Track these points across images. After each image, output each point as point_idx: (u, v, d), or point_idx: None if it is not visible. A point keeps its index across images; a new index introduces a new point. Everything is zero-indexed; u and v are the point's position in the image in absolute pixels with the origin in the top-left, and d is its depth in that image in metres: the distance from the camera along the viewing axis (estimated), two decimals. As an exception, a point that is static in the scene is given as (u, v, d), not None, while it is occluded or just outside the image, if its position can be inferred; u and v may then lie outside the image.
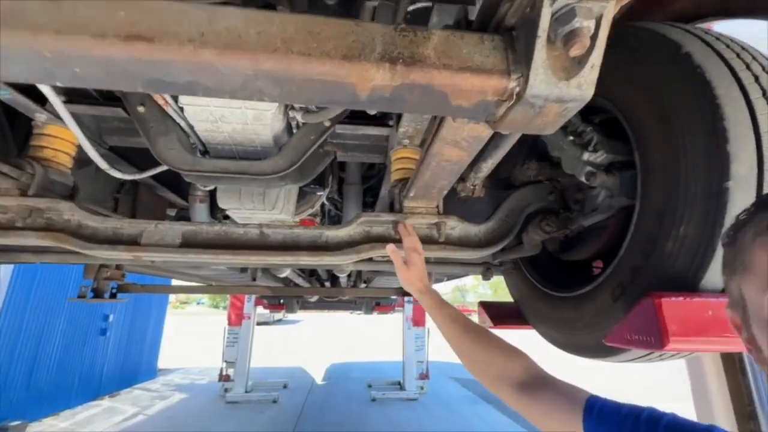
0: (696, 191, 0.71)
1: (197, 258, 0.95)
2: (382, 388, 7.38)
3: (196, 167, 0.99)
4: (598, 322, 0.93)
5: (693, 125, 0.72)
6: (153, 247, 0.93)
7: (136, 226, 0.95)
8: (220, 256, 0.94)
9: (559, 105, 0.35)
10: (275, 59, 0.41)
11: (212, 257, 0.95)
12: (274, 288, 2.95)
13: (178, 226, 0.96)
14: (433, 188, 0.89)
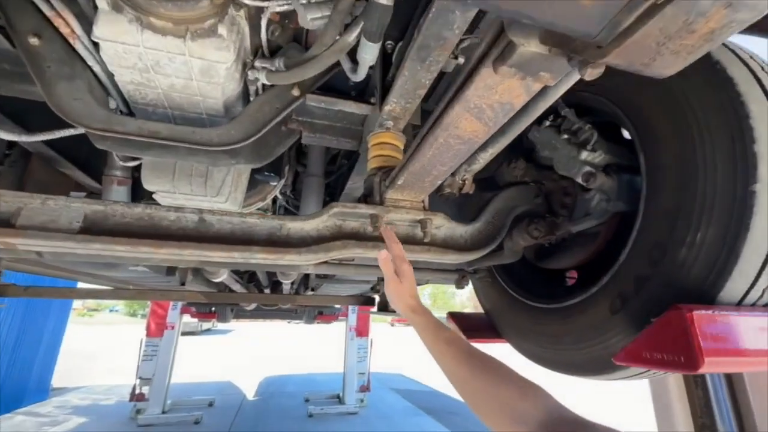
0: (716, 194, 0.65)
1: (106, 250, 0.69)
2: (321, 402, 7.01)
3: (112, 126, 0.74)
4: (591, 337, 0.85)
5: (714, 123, 0.66)
6: (37, 231, 0.66)
7: (11, 199, 0.67)
8: (141, 248, 0.69)
9: (727, 13, 0.23)
10: None
11: (129, 250, 0.69)
12: (207, 294, 2.58)
13: (79, 204, 0.69)
14: (428, 175, 0.74)
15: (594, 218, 0.92)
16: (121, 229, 0.71)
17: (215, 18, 0.72)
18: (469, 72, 0.47)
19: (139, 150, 0.80)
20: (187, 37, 0.71)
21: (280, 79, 0.77)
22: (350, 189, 1.39)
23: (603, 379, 0.86)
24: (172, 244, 0.71)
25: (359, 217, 0.84)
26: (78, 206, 0.69)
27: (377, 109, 0.89)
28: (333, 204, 0.81)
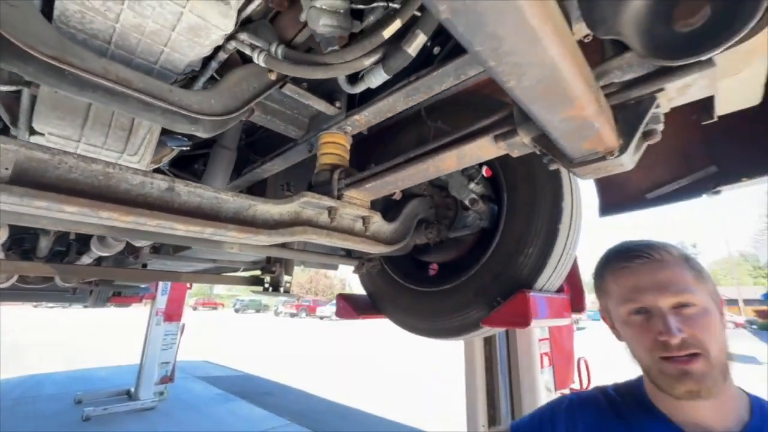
0: (541, 227, 1.11)
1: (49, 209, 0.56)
2: (101, 402, 5.74)
3: (66, 57, 0.58)
4: (459, 311, 1.23)
5: (546, 189, 1.12)
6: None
7: None
8: (102, 212, 0.60)
9: (624, 166, 0.54)
10: None
11: (83, 212, 0.58)
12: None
13: (12, 146, 0.53)
14: (392, 187, 0.93)
15: (468, 230, 1.32)
16: (64, 185, 0.59)
17: (226, -18, 0.69)
18: (470, 134, 0.70)
19: (89, 94, 0.64)
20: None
21: (283, 69, 0.78)
22: (262, 170, 1.39)
23: (463, 339, 1.26)
24: (141, 212, 0.64)
25: (318, 207, 0.94)
26: (11, 148, 0.53)
27: (342, 113, 1.01)
28: (304, 193, 0.88)
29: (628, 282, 0.66)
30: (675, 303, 0.62)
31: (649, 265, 0.65)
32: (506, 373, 1.68)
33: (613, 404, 0.73)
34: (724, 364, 0.62)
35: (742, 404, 0.64)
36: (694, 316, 0.61)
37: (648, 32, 0.48)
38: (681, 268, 0.64)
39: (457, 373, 3.35)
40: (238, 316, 34.43)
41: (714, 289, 0.65)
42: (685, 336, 0.60)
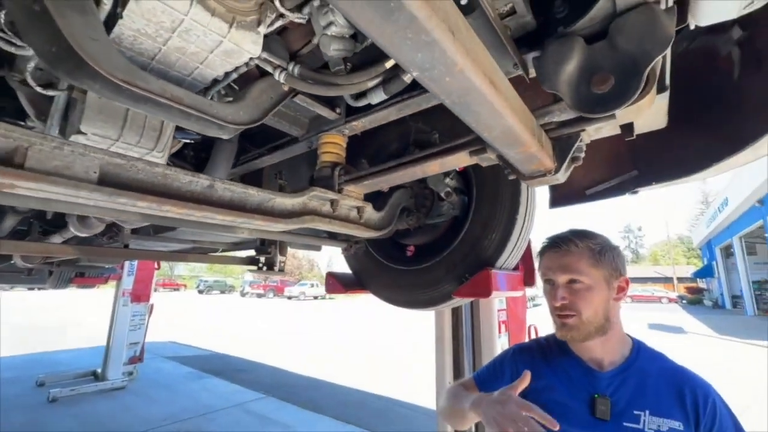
0: (502, 216, 1.36)
1: (127, 204, 0.71)
2: (67, 383, 5.65)
3: (134, 80, 0.72)
4: (433, 286, 1.48)
5: (506, 189, 1.36)
6: (47, 176, 0.62)
7: (12, 135, 0.59)
8: (165, 206, 0.75)
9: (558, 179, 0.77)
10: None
11: (152, 207, 0.74)
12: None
13: (98, 155, 0.67)
14: (384, 184, 1.12)
15: (442, 217, 1.55)
16: (134, 184, 0.73)
17: (257, 15, 0.83)
18: (451, 148, 0.91)
19: (142, 106, 0.77)
20: (234, 25, 0.79)
21: (302, 87, 0.94)
22: (261, 161, 1.53)
23: (435, 309, 1.51)
24: (197, 206, 0.80)
25: (323, 199, 1.12)
26: (98, 156, 0.67)
27: (342, 119, 1.18)
28: (313, 188, 1.06)
29: (545, 263, 0.94)
30: (568, 279, 0.88)
31: (558, 252, 0.91)
32: (470, 338, 1.98)
33: (542, 349, 1.01)
34: (599, 322, 0.87)
35: (626, 346, 0.92)
36: (578, 290, 0.87)
37: (575, 91, 0.70)
38: (580, 256, 0.89)
39: (421, 351, 3.69)
40: (202, 297, 33.61)
41: (610, 274, 0.89)
42: (566, 302, 0.88)
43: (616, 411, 0.85)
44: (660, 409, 0.83)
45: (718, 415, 0.82)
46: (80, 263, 5.06)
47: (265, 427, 4.35)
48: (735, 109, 1.14)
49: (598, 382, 0.89)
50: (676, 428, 0.81)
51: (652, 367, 0.89)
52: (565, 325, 0.89)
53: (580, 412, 0.88)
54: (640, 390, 0.86)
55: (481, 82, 0.45)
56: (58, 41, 0.70)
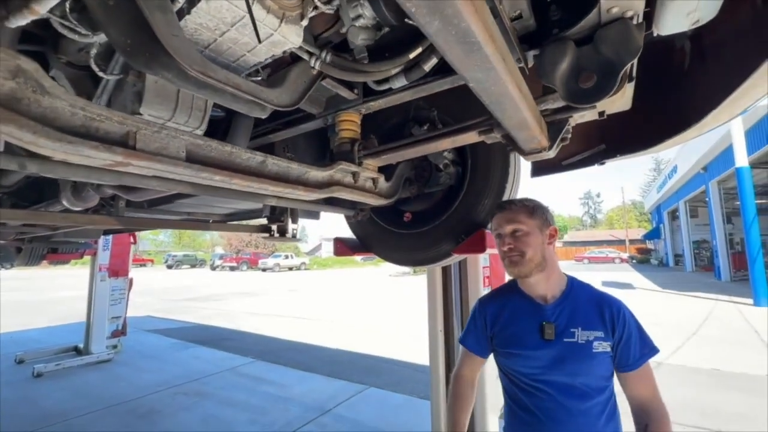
0: (494, 185, 1.58)
1: (206, 179, 0.85)
2: (49, 359, 5.62)
3: (207, 71, 0.83)
4: (433, 246, 1.70)
5: (500, 160, 1.57)
6: (153, 155, 0.75)
7: (124, 121, 0.71)
8: (235, 180, 0.90)
9: (550, 155, 0.98)
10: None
11: (224, 180, 0.88)
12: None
13: (185, 137, 0.80)
14: (398, 158, 1.29)
15: (440, 186, 1.75)
16: (206, 161, 0.87)
17: (300, 9, 0.95)
18: (462, 128, 1.09)
19: (203, 92, 0.88)
20: (283, 20, 0.91)
21: (334, 73, 1.06)
22: (275, 135, 1.64)
23: (435, 266, 1.75)
24: (254, 178, 0.94)
25: (347, 172, 1.28)
26: (184, 138, 0.80)
27: (360, 98, 1.32)
28: (339, 162, 1.21)
29: (495, 221, 1.19)
30: (512, 229, 1.13)
31: (504, 211, 1.17)
32: (458, 291, 2.26)
33: (501, 295, 1.27)
34: (538, 260, 1.11)
35: (563, 282, 1.17)
36: (519, 236, 1.12)
37: (566, 85, 0.90)
38: (519, 211, 1.15)
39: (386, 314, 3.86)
40: (172, 272, 32.80)
41: (542, 223, 1.14)
42: (512, 246, 1.13)
43: (558, 331, 1.10)
44: (588, 324, 1.09)
45: (627, 323, 1.08)
46: (54, 239, 4.92)
47: (259, 386, 4.63)
48: (685, 93, 1.39)
49: (544, 312, 1.14)
50: (600, 336, 1.07)
51: (582, 294, 1.15)
52: (513, 262, 1.13)
53: (533, 337, 1.12)
54: (574, 313, 1.11)
55: (513, 89, 0.63)
56: (138, 34, 0.80)
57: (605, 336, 1.07)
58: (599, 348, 1.06)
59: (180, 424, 3.60)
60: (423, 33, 1.00)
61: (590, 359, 1.06)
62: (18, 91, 0.58)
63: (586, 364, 1.07)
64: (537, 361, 1.11)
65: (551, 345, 1.10)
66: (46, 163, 0.80)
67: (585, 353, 1.06)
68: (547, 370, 1.10)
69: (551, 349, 1.09)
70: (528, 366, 1.13)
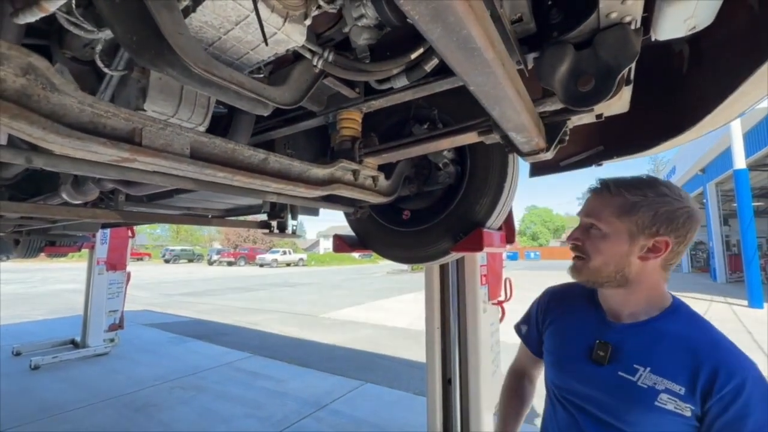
0: (492, 184, 1.60)
1: (209, 176, 0.86)
2: (46, 351, 5.63)
3: (211, 69, 0.84)
4: (432, 244, 1.72)
5: (499, 162, 1.59)
6: (158, 151, 0.76)
7: (130, 118, 0.72)
8: (237, 177, 0.91)
9: (548, 156, 1.00)
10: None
11: (226, 177, 0.89)
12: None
13: (189, 134, 0.81)
14: (399, 157, 1.31)
15: (439, 185, 1.77)
16: (209, 158, 0.88)
17: (304, 9, 0.96)
18: (462, 129, 1.11)
19: (207, 89, 0.89)
20: (287, 19, 0.92)
21: (337, 72, 1.08)
22: (276, 132, 1.65)
23: (433, 264, 1.76)
24: (256, 175, 0.96)
25: (347, 169, 1.29)
26: (188, 135, 0.81)
27: (361, 97, 1.33)
28: (340, 160, 1.23)
29: (585, 203, 0.92)
30: (588, 223, 0.88)
31: (593, 195, 0.90)
32: (455, 289, 2.28)
33: (572, 293, 1.02)
34: (610, 275, 0.84)
35: (660, 306, 0.84)
36: (593, 235, 0.86)
37: (564, 88, 0.91)
38: (609, 204, 0.85)
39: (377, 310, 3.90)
40: (169, 266, 32.77)
41: (639, 229, 0.81)
42: (578, 243, 0.88)
43: (615, 359, 0.82)
44: (664, 370, 0.76)
45: (740, 402, 0.68)
46: (52, 231, 4.92)
47: (256, 381, 4.66)
48: (683, 96, 1.41)
49: (607, 329, 0.87)
50: (674, 391, 0.73)
51: (678, 330, 0.80)
52: (573, 266, 0.89)
53: (579, 354, 0.88)
54: (650, 347, 0.80)
55: (512, 92, 0.64)
56: (144, 31, 0.81)
57: (685, 395, 0.73)
58: (668, 405, 0.74)
59: (177, 417, 3.62)
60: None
61: (646, 410, 0.75)
62: (28, 88, 0.59)
63: (637, 414, 0.76)
64: (576, 380, 0.88)
65: (599, 371, 0.83)
66: (51, 157, 0.81)
67: (641, 399, 0.76)
68: (585, 398, 0.86)
69: (598, 376, 0.83)
70: (564, 380, 0.91)
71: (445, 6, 0.41)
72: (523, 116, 0.77)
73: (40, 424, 3.42)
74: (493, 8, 0.80)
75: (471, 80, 0.58)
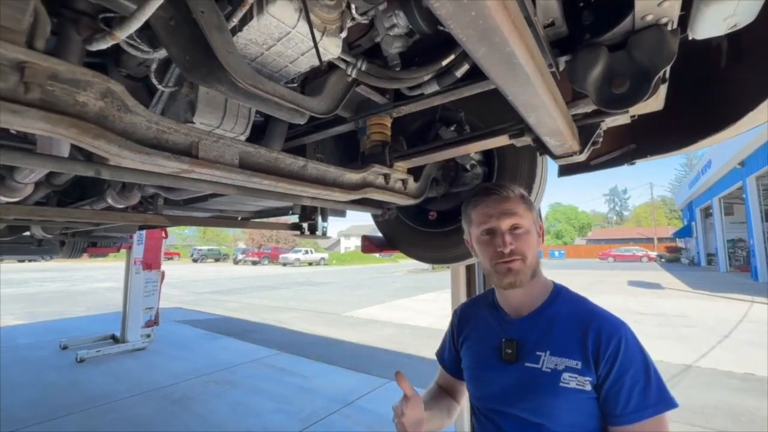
0: (521, 185, 1.60)
1: (255, 183, 0.93)
2: (90, 345, 5.99)
3: (256, 83, 0.90)
4: (457, 245, 1.74)
5: (524, 164, 1.59)
6: (212, 163, 0.82)
7: (190, 133, 0.79)
8: (281, 184, 0.97)
9: (581, 159, 1.00)
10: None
11: (271, 185, 0.95)
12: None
13: (239, 145, 0.88)
14: (427, 160, 1.34)
15: (466, 186, 1.78)
16: (255, 167, 0.94)
17: (340, 22, 1.01)
18: (493, 132, 1.12)
19: (250, 102, 0.96)
20: (325, 33, 0.97)
21: (371, 81, 1.12)
22: (307, 138, 1.71)
23: (462, 264, 1.78)
24: (297, 182, 1.01)
25: (379, 174, 1.34)
26: (237, 146, 0.88)
27: (391, 103, 1.36)
28: (372, 165, 1.27)
29: (482, 210, 0.89)
30: (511, 225, 0.86)
31: (497, 199, 0.89)
32: (482, 289, 2.29)
33: (477, 304, 1.04)
34: (535, 265, 0.87)
35: (545, 291, 0.90)
36: (521, 234, 0.86)
37: (598, 90, 0.92)
38: (517, 201, 0.89)
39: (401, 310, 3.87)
40: (197, 265, 33.99)
41: (536, 217, 0.92)
42: (513, 247, 0.85)
43: (522, 352, 0.85)
44: (561, 349, 0.80)
45: (621, 354, 0.76)
46: (94, 233, 5.24)
47: (284, 377, 4.79)
48: (721, 92, 1.37)
49: (509, 327, 0.90)
50: (574, 367, 0.77)
51: (565, 309, 0.86)
52: (511, 270, 0.84)
53: (492, 357, 0.89)
54: (546, 332, 0.84)
55: (548, 100, 0.66)
56: (196, 51, 0.88)
57: (582, 368, 0.77)
58: (571, 383, 0.77)
59: (212, 410, 3.79)
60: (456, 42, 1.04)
61: (554, 395, 0.77)
62: (106, 110, 0.66)
63: (548, 401, 0.78)
64: (492, 386, 0.88)
65: (511, 369, 0.85)
66: (117, 169, 0.89)
67: (549, 386, 0.79)
68: (503, 400, 0.85)
69: (510, 374, 0.85)
70: (482, 390, 0.91)
71: (492, 27, 0.44)
72: (558, 121, 0.78)
73: (89, 413, 3.66)
74: (527, 14, 0.82)
75: (510, 91, 0.61)
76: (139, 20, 0.70)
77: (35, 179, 1.71)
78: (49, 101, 0.58)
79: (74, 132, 0.61)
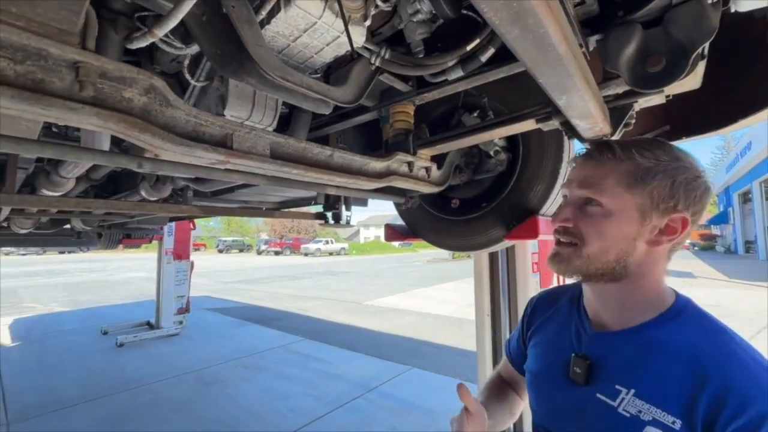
0: (547, 170, 1.57)
1: (286, 173, 0.96)
2: (128, 331, 6.36)
3: (285, 75, 0.93)
4: (483, 232, 1.74)
5: (553, 149, 1.55)
6: (245, 153, 0.86)
7: (224, 125, 0.82)
8: (309, 173, 1.00)
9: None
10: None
11: (300, 174, 0.98)
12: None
13: (269, 136, 0.91)
14: (452, 147, 1.33)
15: (490, 173, 1.76)
16: (285, 157, 0.97)
17: (364, 11, 1.01)
18: (519, 116, 1.11)
19: (279, 93, 0.99)
20: (349, 21, 0.98)
21: (394, 69, 1.12)
22: (330, 128, 1.74)
23: (485, 251, 1.78)
24: (324, 171, 1.04)
25: (402, 161, 1.34)
26: (268, 137, 0.91)
27: (414, 90, 1.36)
28: (396, 153, 1.28)
29: (570, 172, 0.74)
30: (583, 197, 0.67)
31: (587, 161, 0.71)
32: (506, 276, 2.28)
33: (559, 298, 0.84)
34: (606, 265, 0.64)
35: (656, 305, 0.64)
36: (591, 214, 0.65)
37: (632, 70, 0.89)
38: (612, 170, 0.66)
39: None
40: (222, 255, 35.13)
41: (652, 204, 0.63)
42: (568, 225, 0.66)
43: (595, 378, 0.64)
44: (653, 392, 0.58)
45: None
46: (128, 225, 5.51)
47: (309, 363, 4.95)
48: (763, 69, 1.29)
49: (588, 340, 0.69)
50: (666, 423, 0.55)
51: (680, 339, 0.60)
52: (556, 254, 0.68)
53: (556, 370, 0.71)
54: (639, 362, 0.61)
55: (581, 82, 0.65)
56: (227, 45, 0.90)
57: (681, 429, 0.54)
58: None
59: (242, 393, 3.97)
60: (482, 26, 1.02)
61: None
62: (149, 105, 0.70)
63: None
64: (547, 402, 0.73)
65: (575, 392, 0.67)
66: (156, 162, 0.94)
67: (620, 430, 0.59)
68: (555, 423, 0.71)
69: (572, 397, 0.67)
70: (537, 402, 0.77)
71: (526, 9, 0.44)
72: (590, 103, 0.77)
73: (130, 393, 3.92)
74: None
75: (541, 73, 0.60)
76: (176, 18, 0.73)
77: (78, 174, 1.82)
78: (100, 98, 0.62)
79: (123, 127, 0.65)
